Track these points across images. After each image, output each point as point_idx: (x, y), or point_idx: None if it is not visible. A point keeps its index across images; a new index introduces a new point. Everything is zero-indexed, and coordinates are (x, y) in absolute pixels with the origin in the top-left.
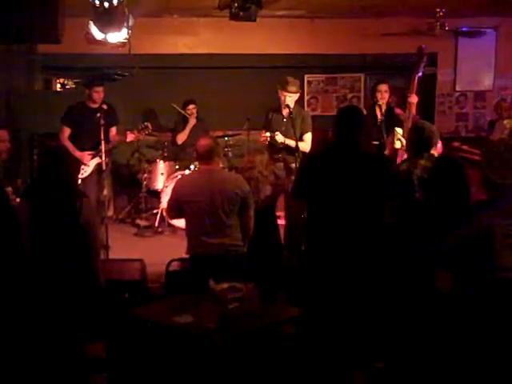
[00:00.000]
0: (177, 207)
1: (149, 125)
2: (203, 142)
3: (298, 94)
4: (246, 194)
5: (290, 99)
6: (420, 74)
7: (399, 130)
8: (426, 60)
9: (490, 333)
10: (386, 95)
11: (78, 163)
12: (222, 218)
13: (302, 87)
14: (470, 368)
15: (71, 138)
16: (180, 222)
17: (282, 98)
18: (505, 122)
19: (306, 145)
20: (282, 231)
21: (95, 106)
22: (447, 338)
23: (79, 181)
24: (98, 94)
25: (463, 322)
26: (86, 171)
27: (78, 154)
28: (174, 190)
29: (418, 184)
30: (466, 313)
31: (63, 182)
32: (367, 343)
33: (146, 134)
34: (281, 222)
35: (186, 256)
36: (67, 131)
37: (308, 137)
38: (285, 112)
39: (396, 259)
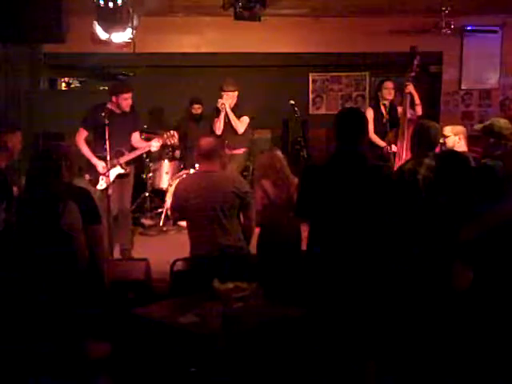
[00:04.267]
0: (178, 210)
1: (175, 133)
2: (206, 141)
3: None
4: (245, 194)
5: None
6: (413, 73)
7: None
8: (419, 59)
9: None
10: (393, 92)
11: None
12: (221, 219)
13: (306, 86)
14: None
15: (92, 143)
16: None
17: None
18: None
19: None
20: None
21: (119, 111)
22: (460, 340)
23: (97, 192)
24: (127, 101)
25: (481, 324)
26: (105, 182)
27: (93, 160)
28: (174, 193)
29: (423, 183)
30: (485, 314)
31: (49, 183)
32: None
33: (171, 143)
34: None
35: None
36: (84, 134)
37: None
38: None
39: (403, 259)
